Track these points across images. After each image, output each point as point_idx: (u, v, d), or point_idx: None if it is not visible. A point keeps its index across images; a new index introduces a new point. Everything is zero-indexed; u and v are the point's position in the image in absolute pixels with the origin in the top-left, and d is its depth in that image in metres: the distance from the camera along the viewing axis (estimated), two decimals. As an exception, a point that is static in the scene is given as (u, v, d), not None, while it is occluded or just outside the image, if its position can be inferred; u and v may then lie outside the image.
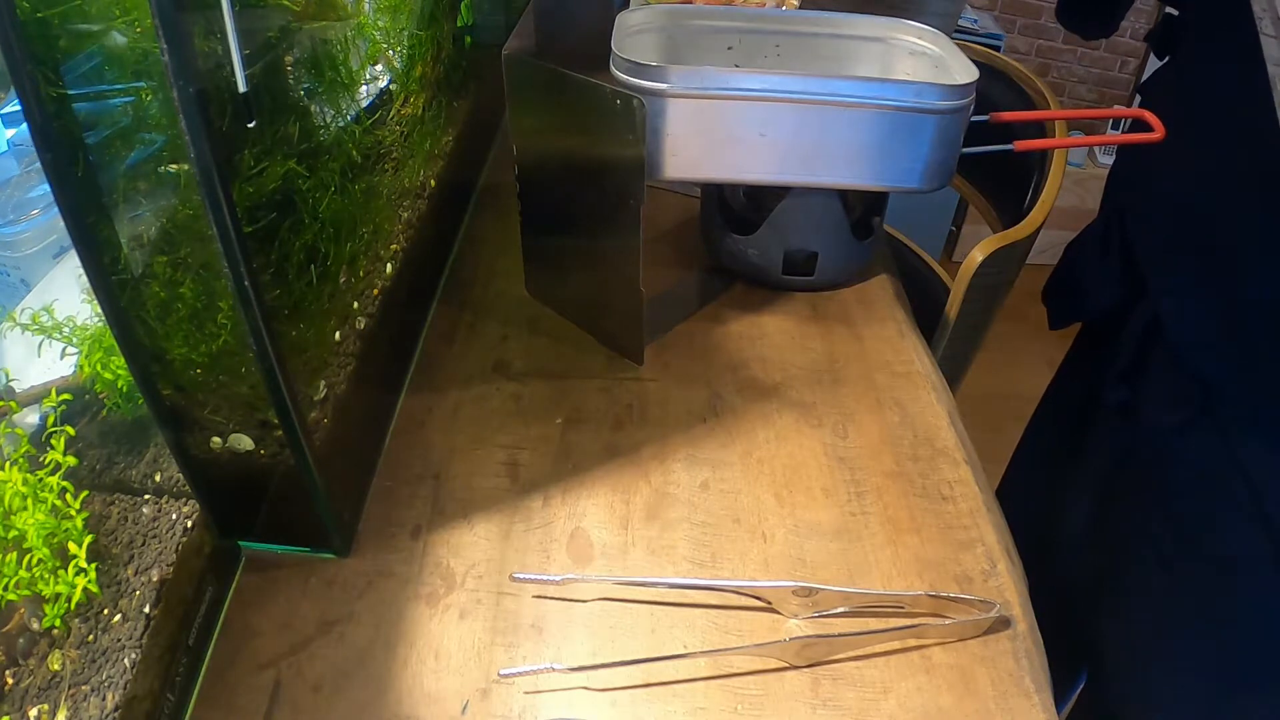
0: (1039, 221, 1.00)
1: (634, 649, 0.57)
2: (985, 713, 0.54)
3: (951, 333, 1.06)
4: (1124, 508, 0.84)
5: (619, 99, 0.66)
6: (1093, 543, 0.90)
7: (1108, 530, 0.87)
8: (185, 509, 0.53)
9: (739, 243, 0.90)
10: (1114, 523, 0.86)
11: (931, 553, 0.64)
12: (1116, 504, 0.85)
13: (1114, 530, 0.86)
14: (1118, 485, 0.85)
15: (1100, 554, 0.88)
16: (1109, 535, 0.87)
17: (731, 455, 0.71)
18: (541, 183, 0.80)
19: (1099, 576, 0.88)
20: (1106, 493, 0.87)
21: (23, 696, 0.45)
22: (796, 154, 0.79)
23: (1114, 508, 0.86)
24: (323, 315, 0.62)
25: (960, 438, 0.74)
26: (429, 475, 0.68)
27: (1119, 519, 0.85)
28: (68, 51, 0.41)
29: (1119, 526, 0.85)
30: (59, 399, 0.53)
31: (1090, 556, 0.90)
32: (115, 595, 0.49)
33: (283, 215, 0.54)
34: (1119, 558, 0.84)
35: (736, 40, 0.93)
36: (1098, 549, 0.88)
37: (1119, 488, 0.85)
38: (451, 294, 0.89)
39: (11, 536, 0.46)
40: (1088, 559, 0.90)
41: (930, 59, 0.88)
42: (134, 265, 0.47)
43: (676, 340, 0.84)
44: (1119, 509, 0.85)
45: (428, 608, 0.58)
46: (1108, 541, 0.87)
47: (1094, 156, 2.78)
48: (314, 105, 0.62)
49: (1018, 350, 2.50)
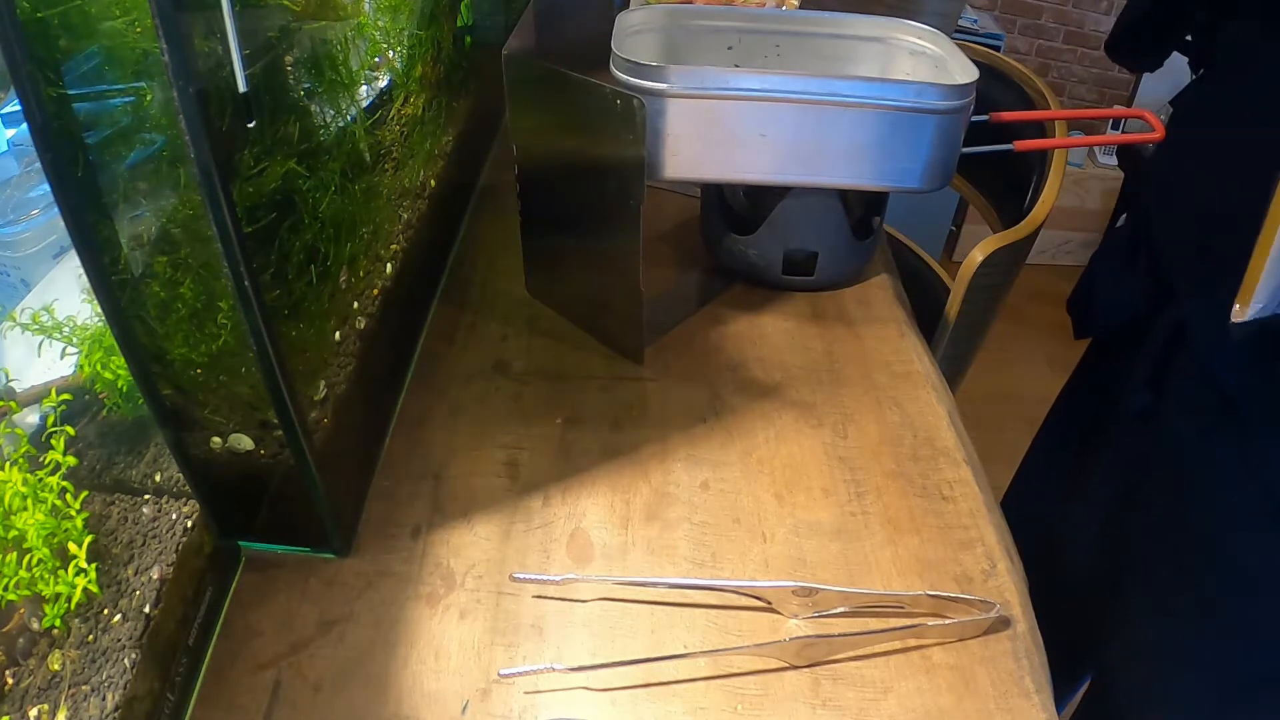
0: (1039, 221, 1.00)
1: (634, 649, 0.57)
2: (985, 713, 0.54)
3: (951, 333, 1.06)
4: (1138, 513, 0.83)
5: (619, 99, 0.66)
6: (1104, 547, 0.89)
7: (1120, 535, 0.86)
8: (185, 509, 0.53)
9: (739, 243, 0.90)
10: (1127, 527, 0.85)
11: (931, 553, 0.64)
12: (1130, 510, 0.85)
13: (1127, 535, 0.85)
14: (1132, 491, 0.84)
15: (1111, 558, 0.88)
16: (1121, 540, 0.86)
17: (731, 455, 0.71)
18: (541, 183, 0.80)
19: (1109, 580, 0.87)
20: (1120, 498, 0.87)
21: (23, 696, 0.45)
22: (796, 154, 0.79)
23: (1128, 514, 0.85)
24: (323, 315, 0.62)
25: (960, 438, 0.74)
26: (429, 475, 0.68)
27: (1133, 524, 0.84)
28: (68, 51, 0.41)
29: (1132, 531, 0.84)
30: (59, 399, 0.53)
31: (1100, 560, 0.90)
32: (115, 595, 0.49)
33: (283, 215, 0.54)
34: (1131, 562, 0.84)
35: (736, 40, 0.93)
36: (1109, 553, 0.88)
37: (1133, 493, 0.84)
38: (451, 294, 0.89)
39: (11, 536, 0.46)
40: (1097, 563, 0.90)
41: (930, 59, 0.88)
42: (134, 265, 0.47)
43: (676, 340, 0.84)
44: (1133, 515, 0.84)
45: (428, 608, 0.58)
46: (1120, 546, 0.86)
47: (1094, 156, 2.78)
48: (314, 105, 0.62)
49: (1018, 350, 2.51)
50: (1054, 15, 2.72)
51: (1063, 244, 2.87)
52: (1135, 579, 0.83)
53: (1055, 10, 2.71)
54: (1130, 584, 0.84)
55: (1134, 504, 0.84)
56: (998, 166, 1.17)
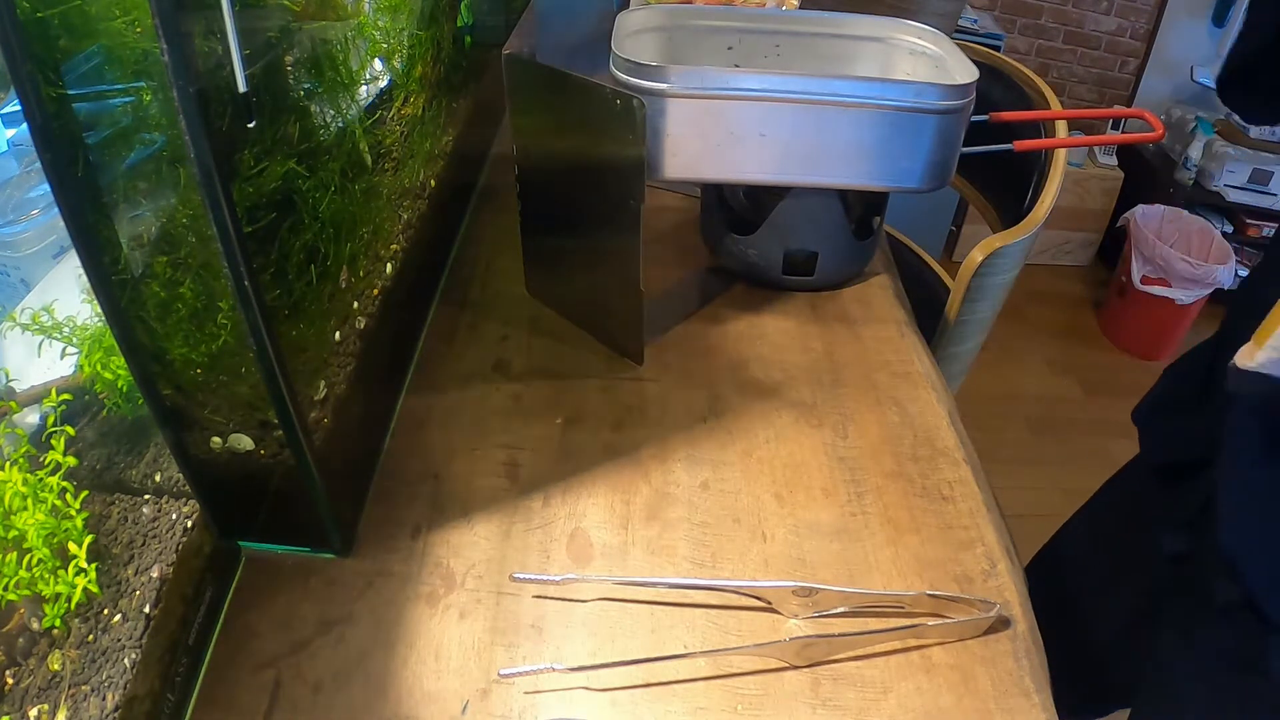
0: (1039, 221, 1.00)
1: (634, 649, 0.57)
2: (985, 713, 0.54)
3: (951, 333, 1.06)
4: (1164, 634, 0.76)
5: (619, 99, 0.66)
6: (1128, 648, 0.84)
7: (1145, 640, 0.80)
8: (185, 509, 0.53)
9: (739, 243, 0.90)
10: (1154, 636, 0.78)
11: (931, 553, 0.64)
12: (1157, 628, 0.78)
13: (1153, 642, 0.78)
14: (1157, 610, 0.78)
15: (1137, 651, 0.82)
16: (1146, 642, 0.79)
17: (731, 455, 0.71)
18: (541, 183, 0.80)
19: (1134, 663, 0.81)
20: (1147, 613, 0.80)
21: (23, 696, 0.45)
22: (796, 154, 0.79)
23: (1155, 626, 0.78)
24: (323, 315, 0.62)
25: (960, 438, 0.74)
26: (429, 475, 0.68)
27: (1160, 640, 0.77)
28: (68, 51, 0.41)
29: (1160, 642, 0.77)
30: (59, 399, 0.53)
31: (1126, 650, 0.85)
32: (115, 595, 0.49)
33: (283, 215, 0.54)
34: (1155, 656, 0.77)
35: (736, 40, 0.93)
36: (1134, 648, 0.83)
37: (1159, 612, 0.77)
38: (451, 294, 0.89)
39: (11, 536, 0.46)
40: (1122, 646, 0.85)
41: (930, 59, 0.88)
42: (134, 265, 0.47)
43: (676, 340, 0.84)
44: (1160, 634, 0.77)
45: (428, 608, 0.58)
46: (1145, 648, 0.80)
47: (1094, 156, 2.78)
48: (314, 105, 0.62)
49: (1018, 350, 2.51)
50: (1054, 15, 2.73)
51: (1063, 244, 2.87)
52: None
53: (1055, 10, 2.72)
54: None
55: (1161, 621, 0.77)
56: (998, 166, 1.17)
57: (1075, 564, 0.96)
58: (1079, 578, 0.94)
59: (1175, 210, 2.56)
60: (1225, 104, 0.72)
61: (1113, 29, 2.75)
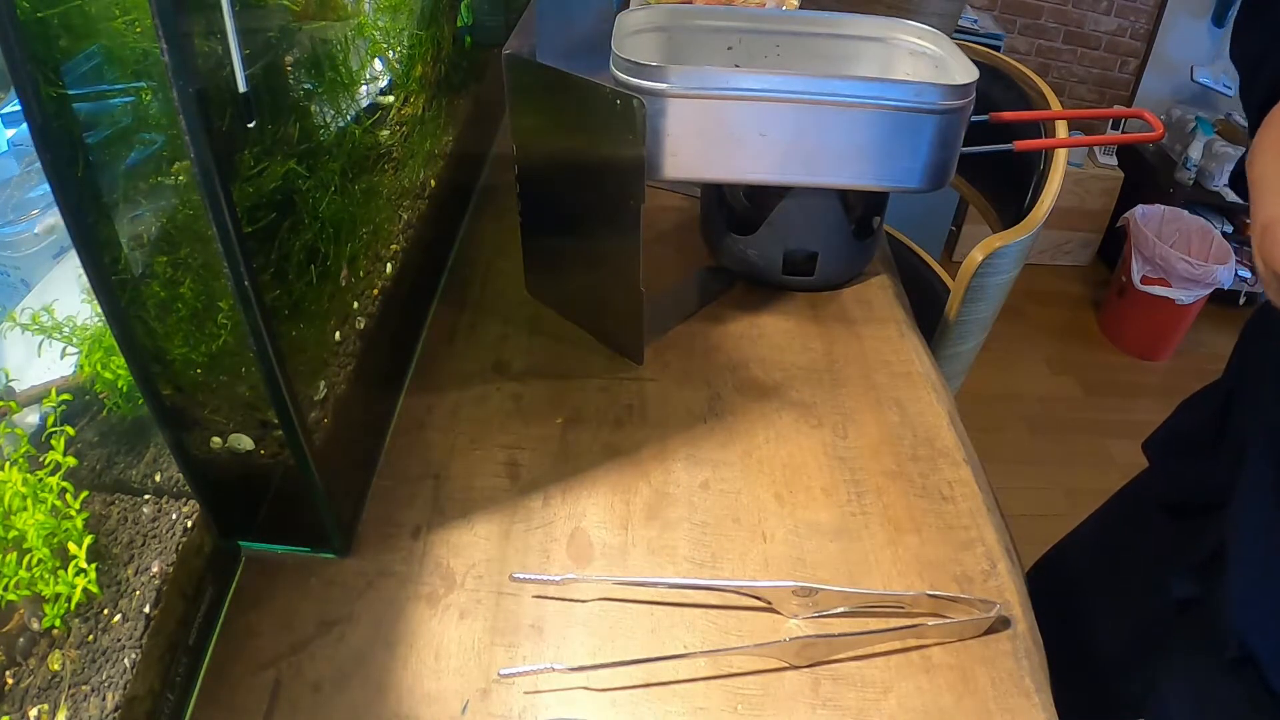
0: (1039, 221, 1.00)
1: (634, 649, 0.57)
2: (985, 713, 0.54)
3: (951, 333, 1.06)
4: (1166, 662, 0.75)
5: (619, 99, 0.66)
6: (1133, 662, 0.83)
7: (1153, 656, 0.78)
8: (185, 509, 0.53)
9: (739, 243, 0.90)
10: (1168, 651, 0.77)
11: (931, 553, 0.64)
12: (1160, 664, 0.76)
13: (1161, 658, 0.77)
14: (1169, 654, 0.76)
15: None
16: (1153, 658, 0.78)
17: (731, 455, 0.71)
18: (541, 183, 0.80)
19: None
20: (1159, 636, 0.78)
21: (23, 696, 0.45)
22: (796, 154, 0.79)
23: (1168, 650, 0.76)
24: (323, 315, 0.62)
25: (960, 438, 0.74)
26: (429, 475, 0.68)
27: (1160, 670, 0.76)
28: (68, 51, 0.41)
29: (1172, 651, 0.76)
30: (59, 399, 0.53)
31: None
32: (115, 595, 0.49)
33: (283, 215, 0.54)
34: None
35: (736, 40, 0.93)
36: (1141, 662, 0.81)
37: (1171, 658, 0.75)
38: (451, 294, 0.89)
39: (11, 536, 0.46)
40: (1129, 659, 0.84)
41: (930, 59, 0.88)
42: (134, 265, 0.47)
43: (676, 340, 0.84)
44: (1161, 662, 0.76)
45: (428, 608, 0.58)
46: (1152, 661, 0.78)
47: (1094, 156, 2.78)
48: (314, 105, 0.62)
49: (1018, 350, 2.51)
50: (1054, 15, 2.73)
51: (1062, 244, 2.87)
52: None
53: (1055, 10, 2.72)
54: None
55: (1170, 663, 0.75)
56: (998, 166, 1.17)
57: (1084, 578, 0.95)
58: (1087, 595, 0.93)
59: (1175, 210, 2.56)
60: (1234, 48, 0.64)
61: (1113, 29, 2.75)
